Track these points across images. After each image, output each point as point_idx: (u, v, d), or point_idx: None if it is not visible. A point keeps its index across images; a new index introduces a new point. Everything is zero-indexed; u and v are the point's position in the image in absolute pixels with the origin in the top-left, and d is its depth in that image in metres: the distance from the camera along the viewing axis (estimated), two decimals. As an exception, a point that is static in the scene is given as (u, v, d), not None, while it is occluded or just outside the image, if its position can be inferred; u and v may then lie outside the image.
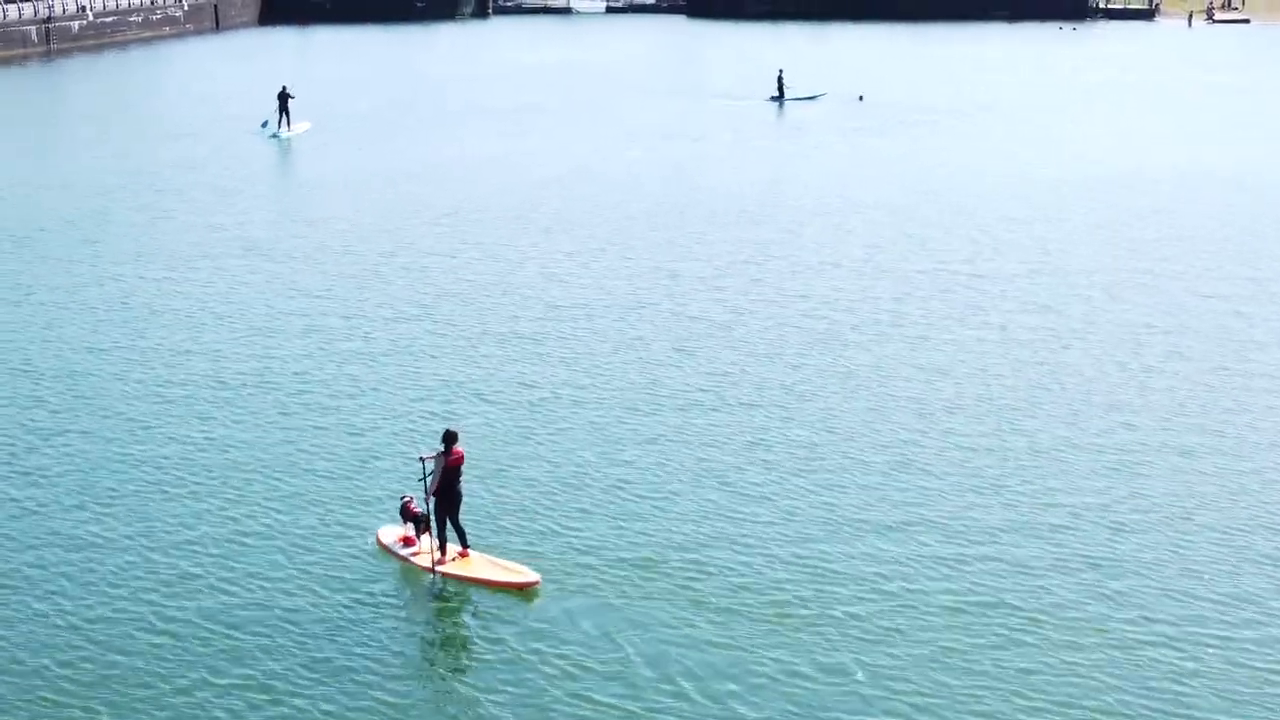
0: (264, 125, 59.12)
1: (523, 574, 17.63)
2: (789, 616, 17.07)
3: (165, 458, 22.36)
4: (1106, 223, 40.30)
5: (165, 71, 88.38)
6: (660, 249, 36.87)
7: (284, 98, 58.87)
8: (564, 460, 22.04)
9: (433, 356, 27.54)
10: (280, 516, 20.02)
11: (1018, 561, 18.62)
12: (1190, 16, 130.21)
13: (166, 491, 20.99)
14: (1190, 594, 17.86)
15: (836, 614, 17.16)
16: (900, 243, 37.58)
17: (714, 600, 17.44)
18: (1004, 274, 34.10)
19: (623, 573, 18.10)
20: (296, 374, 26.50)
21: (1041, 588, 17.94)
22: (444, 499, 18.00)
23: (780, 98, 69.56)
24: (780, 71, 71.14)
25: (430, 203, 43.30)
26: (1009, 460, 22.22)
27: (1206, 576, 18.31)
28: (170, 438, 23.20)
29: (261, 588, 17.87)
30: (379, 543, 18.77)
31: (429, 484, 17.95)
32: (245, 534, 19.46)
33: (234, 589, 17.86)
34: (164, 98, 72.91)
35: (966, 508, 20.37)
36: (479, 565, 17.93)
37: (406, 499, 18.76)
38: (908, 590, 17.83)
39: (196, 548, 19.07)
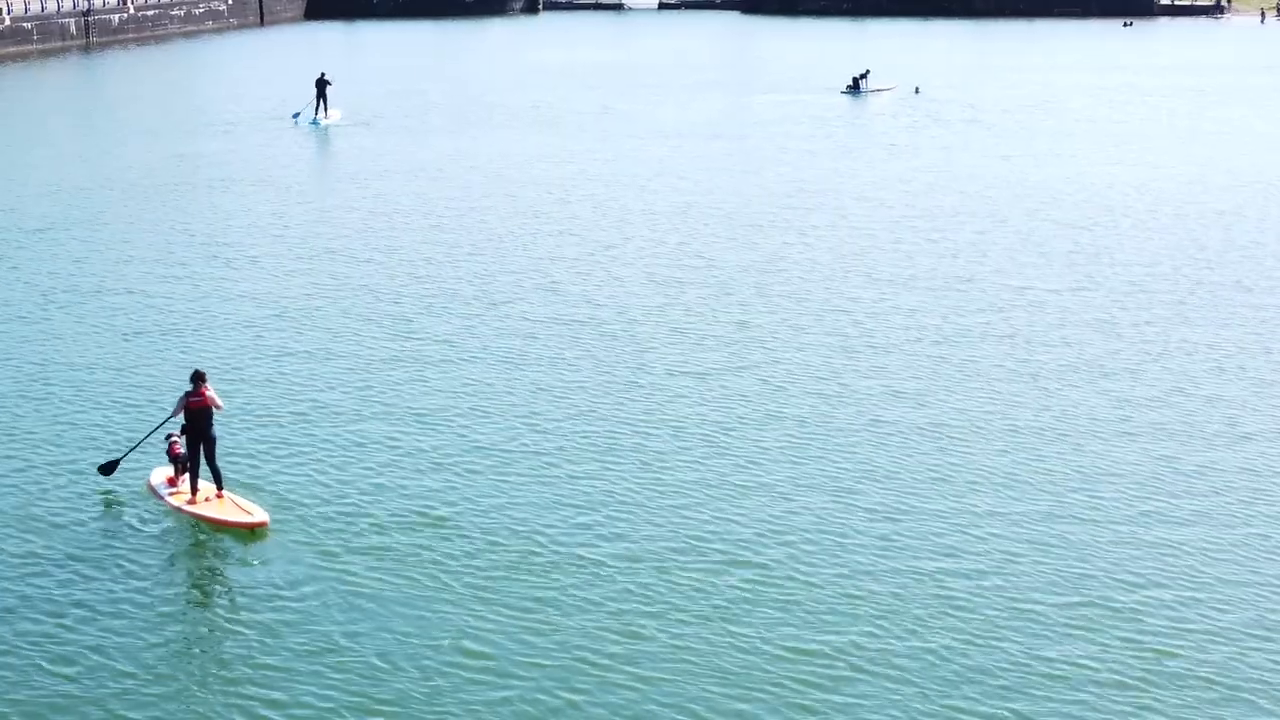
0: (295, 116, 58.22)
1: (252, 515, 18.08)
2: (519, 581, 16.77)
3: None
4: (1156, 232, 37.15)
5: (204, 66, 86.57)
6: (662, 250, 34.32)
7: (322, 84, 58.06)
8: (342, 418, 22.29)
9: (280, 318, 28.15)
10: (61, 454, 20.60)
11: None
12: (1263, 13, 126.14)
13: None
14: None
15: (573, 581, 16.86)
16: (932, 251, 34.74)
17: (438, 560, 17.32)
18: (1047, 286, 31.16)
19: (357, 524, 18.22)
20: (108, 321, 27.66)
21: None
22: (196, 440, 18.35)
23: (856, 89, 68.59)
24: (863, 75, 69.52)
25: (428, 198, 40.96)
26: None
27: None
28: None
29: (18, 528, 18.20)
30: (149, 484, 19.22)
31: (170, 413, 18.68)
32: (19, 472, 20.00)
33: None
34: (198, 93, 70.93)
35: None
36: (224, 505, 18.36)
37: (172, 440, 19.02)
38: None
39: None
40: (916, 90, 68.13)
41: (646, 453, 20.88)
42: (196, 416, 18.29)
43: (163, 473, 19.25)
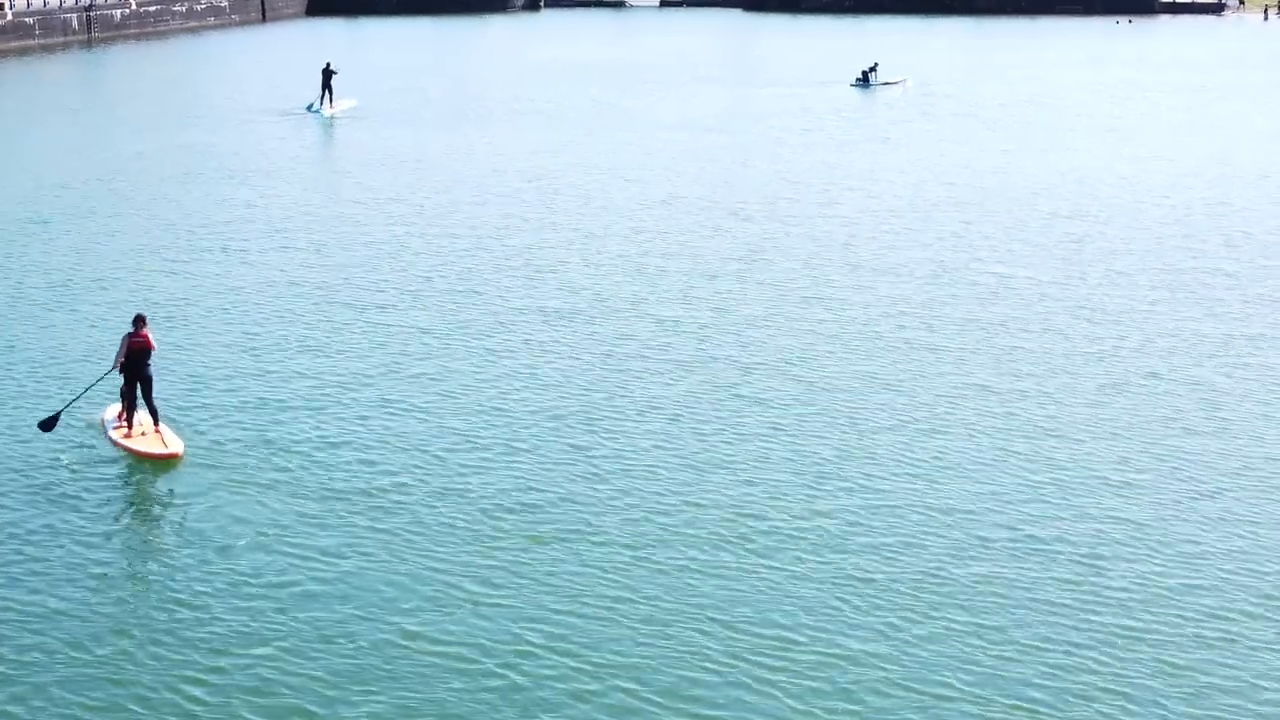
0: (310, 108, 58.64)
1: (167, 447, 19.45)
2: (419, 519, 17.64)
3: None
4: (1147, 223, 37.20)
5: (205, 62, 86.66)
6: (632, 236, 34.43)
7: (327, 74, 58.77)
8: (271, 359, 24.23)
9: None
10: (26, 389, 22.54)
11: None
12: (1266, 10, 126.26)
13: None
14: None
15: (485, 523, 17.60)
16: (919, 241, 34.83)
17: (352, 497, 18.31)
18: (1035, 275, 31.24)
19: (273, 461, 19.51)
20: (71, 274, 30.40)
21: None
22: (134, 378, 19.82)
23: (865, 82, 69.27)
24: (872, 68, 70.25)
25: (422, 189, 41.10)
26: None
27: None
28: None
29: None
30: (101, 419, 20.59)
31: (115, 359, 19.94)
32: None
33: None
34: (199, 88, 71.00)
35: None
36: (151, 439, 19.76)
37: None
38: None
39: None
40: (911, 85, 68.80)
41: (616, 428, 21.01)
42: (136, 356, 19.72)
43: (115, 409, 20.53)
